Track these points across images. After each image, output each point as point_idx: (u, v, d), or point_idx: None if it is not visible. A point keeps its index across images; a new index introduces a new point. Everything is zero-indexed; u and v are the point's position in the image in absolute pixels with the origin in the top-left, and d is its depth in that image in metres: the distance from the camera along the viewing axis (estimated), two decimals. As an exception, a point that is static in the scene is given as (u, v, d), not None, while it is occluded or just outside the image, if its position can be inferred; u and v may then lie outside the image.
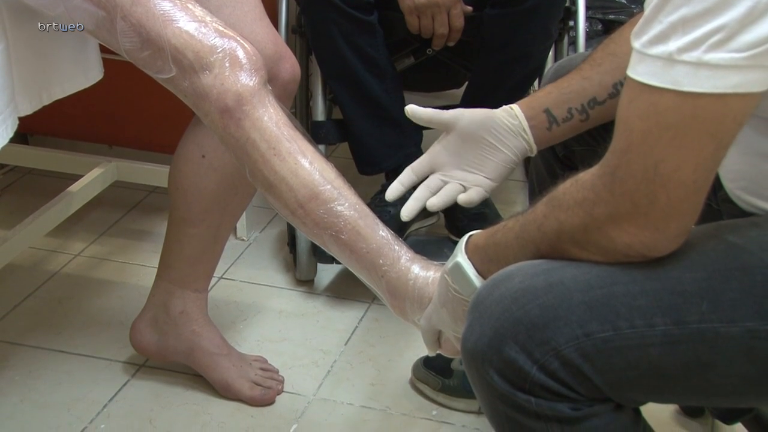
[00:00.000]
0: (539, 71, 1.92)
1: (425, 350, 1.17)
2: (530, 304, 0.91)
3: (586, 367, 0.89)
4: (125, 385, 1.68)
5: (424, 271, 1.14)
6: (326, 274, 2.00)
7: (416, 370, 1.69)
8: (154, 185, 2.20)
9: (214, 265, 1.65)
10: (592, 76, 1.20)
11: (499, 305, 0.92)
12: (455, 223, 1.97)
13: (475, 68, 1.93)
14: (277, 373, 1.69)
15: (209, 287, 1.67)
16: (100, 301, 1.91)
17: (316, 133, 1.91)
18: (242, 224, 2.11)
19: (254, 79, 1.20)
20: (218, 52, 1.19)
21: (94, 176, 2.00)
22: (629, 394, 0.93)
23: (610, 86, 1.19)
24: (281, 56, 1.48)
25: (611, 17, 2.60)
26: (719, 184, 1.04)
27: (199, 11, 1.22)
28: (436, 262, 1.16)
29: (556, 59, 1.95)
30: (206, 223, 1.57)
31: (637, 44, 0.84)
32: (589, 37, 2.19)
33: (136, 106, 2.14)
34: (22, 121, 1.34)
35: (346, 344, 1.81)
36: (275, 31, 1.50)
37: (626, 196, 0.85)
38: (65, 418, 1.60)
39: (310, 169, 1.17)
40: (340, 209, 1.16)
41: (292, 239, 1.96)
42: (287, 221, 1.23)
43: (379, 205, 1.90)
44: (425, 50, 1.92)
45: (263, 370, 1.67)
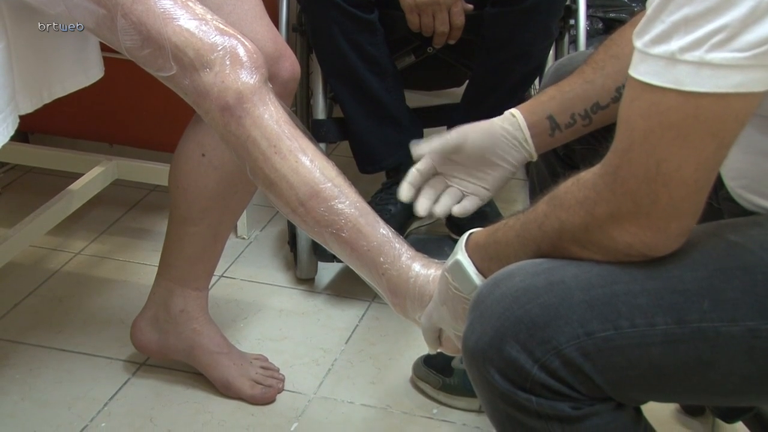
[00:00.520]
0: (540, 70, 1.92)
1: (426, 349, 1.17)
2: (531, 303, 0.91)
3: (586, 366, 0.89)
4: (126, 383, 1.68)
5: (424, 269, 1.14)
6: (327, 272, 2.00)
7: (417, 368, 1.69)
8: (154, 184, 2.20)
9: (214, 263, 1.65)
10: (594, 79, 1.19)
11: (500, 304, 0.92)
12: (456, 221, 1.96)
13: (475, 66, 1.93)
14: (277, 371, 1.69)
15: (210, 286, 1.67)
16: (100, 299, 1.91)
17: (316, 131, 1.91)
18: (243, 223, 2.11)
19: (255, 77, 1.20)
20: (219, 50, 1.19)
21: (94, 175, 2.00)
22: (630, 393, 0.93)
23: (613, 90, 1.18)
24: (281, 55, 1.48)
25: (612, 16, 2.60)
26: (720, 183, 1.04)
27: (199, 9, 1.22)
28: (436, 260, 1.16)
29: (556, 58, 1.95)
30: (206, 221, 1.57)
31: (639, 44, 0.83)
32: (589, 35, 2.19)
33: (136, 104, 2.14)
34: (22, 119, 1.34)
35: (346, 343, 1.81)
36: (275, 29, 1.50)
37: (628, 195, 0.85)
38: (66, 416, 1.60)
39: (310, 167, 1.17)
40: (340, 207, 1.16)
41: (292, 238, 1.96)
42: (288, 219, 1.23)
43: (379, 203, 1.90)
44: (426, 48, 1.92)
45: (264, 368, 1.67)
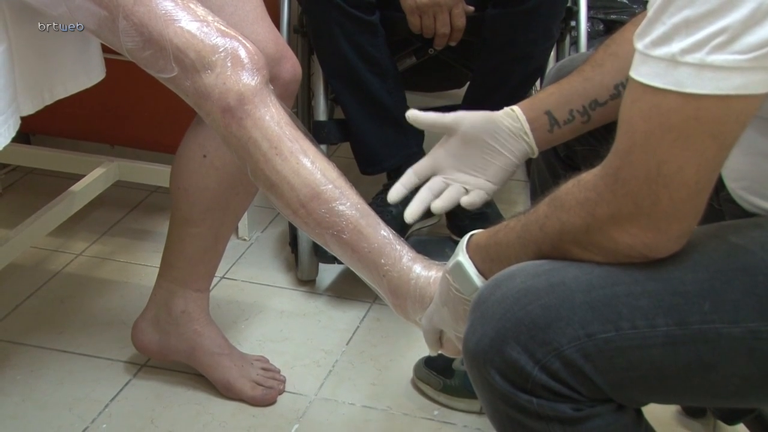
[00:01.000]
0: (541, 71, 1.92)
1: (427, 350, 1.17)
2: (532, 304, 0.91)
3: (587, 367, 0.89)
4: (127, 384, 1.68)
5: (425, 270, 1.14)
6: (328, 273, 1.99)
7: (418, 370, 1.69)
8: (155, 185, 2.20)
9: (215, 264, 1.65)
10: (593, 77, 1.20)
11: (500, 305, 0.92)
12: (457, 223, 1.97)
13: (476, 68, 1.93)
14: (278, 372, 1.69)
15: (211, 287, 1.67)
16: (101, 300, 1.91)
17: (317, 132, 1.91)
18: (244, 224, 2.11)
19: (256, 78, 1.20)
20: (220, 51, 1.19)
21: (96, 176, 2.00)
22: (631, 394, 0.93)
23: (611, 87, 1.19)
24: (282, 56, 1.48)
25: (613, 17, 2.60)
26: (721, 184, 1.04)
27: (200, 11, 1.22)
28: (437, 261, 1.16)
29: (557, 59, 1.95)
30: (208, 222, 1.57)
31: (640, 45, 0.83)
32: (590, 37, 2.18)
33: (137, 105, 2.14)
34: (24, 120, 1.34)
35: (347, 344, 1.81)
36: (276, 31, 1.50)
37: (628, 196, 0.85)
38: (67, 417, 1.60)
39: (311, 168, 1.17)
40: (341, 209, 1.16)
41: (293, 239, 1.96)
42: (289, 221, 1.23)
43: (380, 205, 1.89)
44: (427, 50, 1.92)
45: (265, 369, 1.67)
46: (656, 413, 1.17)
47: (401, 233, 1.26)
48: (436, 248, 1.87)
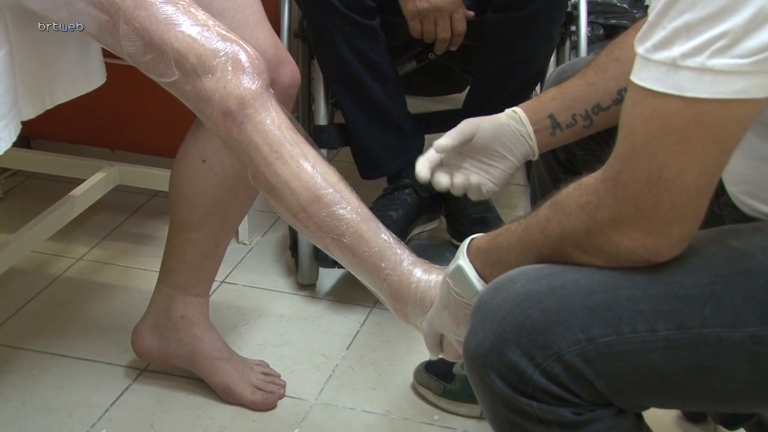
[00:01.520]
0: (541, 76, 1.93)
1: (427, 354, 1.17)
2: (532, 308, 0.91)
3: (588, 371, 0.89)
4: (127, 389, 1.68)
5: (426, 274, 1.14)
6: (328, 278, 1.99)
7: (418, 374, 1.69)
8: (155, 189, 2.20)
9: (215, 269, 1.65)
10: (596, 81, 1.20)
11: (501, 309, 0.92)
12: (457, 227, 1.97)
13: (477, 72, 1.93)
14: (278, 377, 1.69)
15: (211, 291, 1.67)
16: (101, 305, 1.91)
17: (318, 137, 1.92)
18: (244, 228, 2.11)
19: (257, 82, 1.20)
20: (221, 55, 1.20)
21: (96, 180, 2.00)
22: (631, 398, 0.93)
23: (614, 92, 1.19)
24: (281, 61, 1.48)
25: (613, 22, 2.60)
26: (722, 188, 1.04)
27: (201, 15, 1.23)
28: (438, 265, 1.16)
29: (558, 64, 1.95)
30: (207, 227, 1.57)
31: (640, 49, 0.84)
32: (591, 41, 2.19)
33: (138, 110, 2.14)
34: (24, 125, 1.34)
35: (347, 348, 1.81)
36: (276, 35, 1.50)
37: (629, 200, 0.85)
38: (67, 422, 1.60)
39: (312, 172, 1.17)
40: (342, 213, 1.16)
41: (293, 243, 1.96)
42: (289, 225, 1.23)
43: (381, 209, 1.90)
44: (427, 54, 1.92)
45: (265, 374, 1.67)
46: (656, 418, 1.17)
47: (401, 237, 1.26)
48: (436, 252, 1.87)
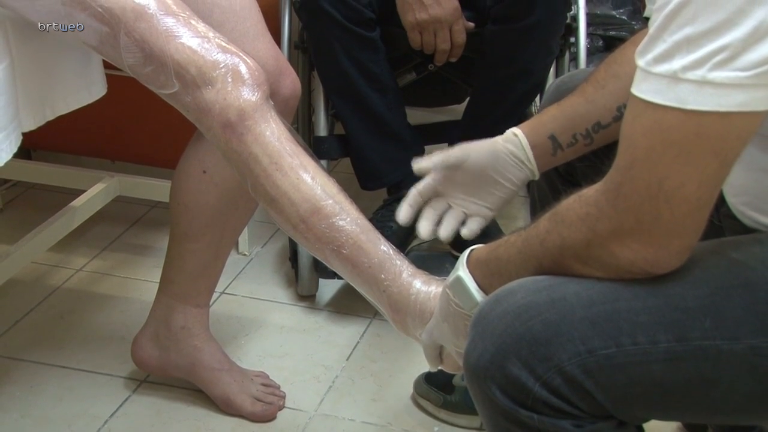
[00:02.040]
0: (540, 87, 1.93)
1: (427, 366, 1.17)
2: (533, 320, 0.91)
3: (588, 383, 0.89)
4: (126, 400, 1.68)
5: (425, 285, 1.14)
6: (328, 289, 1.99)
7: (418, 385, 1.68)
8: (156, 200, 2.20)
9: (215, 280, 1.65)
10: (596, 99, 1.19)
11: (501, 321, 0.92)
12: (457, 238, 1.96)
13: (476, 84, 1.93)
14: (278, 388, 1.69)
15: (211, 302, 1.67)
16: (101, 316, 1.91)
17: (318, 148, 1.92)
18: (244, 239, 2.11)
19: (257, 94, 1.20)
20: (221, 67, 1.20)
21: (96, 191, 2.00)
22: (632, 410, 0.92)
23: (614, 109, 1.18)
24: (282, 72, 1.48)
25: (612, 34, 2.61)
26: (722, 200, 1.04)
27: (202, 27, 1.23)
28: (437, 277, 1.16)
29: (557, 75, 1.96)
30: (207, 238, 1.57)
31: (641, 62, 0.84)
32: (590, 53, 2.19)
33: (138, 121, 2.14)
34: (25, 136, 1.34)
35: (347, 360, 1.80)
36: (276, 47, 1.50)
37: (630, 212, 0.85)
38: (66, 433, 1.60)
39: (311, 183, 1.17)
40: (341, 224, 1.16)
41: (293, 254, 1.96)
42: (289, 236, 1.23)
43: (380, 220, 1.90)
44: (427, 66, 1.92)
45: (264, 385, 1.67)
46: (657, 430, 1.16)
47: (401, 248, 1.26)
48: (436, 263, 1.87)
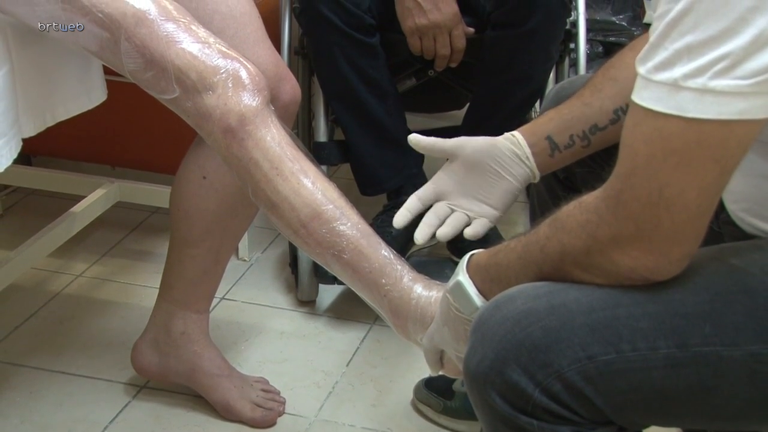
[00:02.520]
0: (540, 93, 1.93)
1: (427, 371, 1.17)
2: (533, 326, 0.91)
3: (588, 389, 0.89)
4: (126, 406, 1.67)
5: (426, 290, 1.14)
6: (328, 294, 1.99)
7: (418, 391, 1.68)
8: (156, 206, 2.20)
9: (215, 285, 1.65)
10: (592, 102, 1.20)
11: (501, 327, 0.92)
12: (457, 243, 1.96)
13: (476, 89, 1.94)
14: (278, 394, 1.68)
15: (211, 308, 1.67)
16: (101, 322, 1.91)
17: (318, 154, 1.92)
18: (244, 245, 2.11)
19: (257, 99, 1.20)
20: (221, 72, 1.20)
21: (96, 197, 2.00)
22: (631, 417, 0.92)
23: (611, 112, 1.19)
24: (282, 78, 1.49)
25: (612, 39, 2.61)
26: (722, 206, 1.04)
27: (202, 32, 1.23)
28: (438, 281, 1.16)
29: (557, 81, 1.96)
30: (207, 243, 1.57)
31: (642, 70, 0.84)
32: (589, 59, 2.20)
33: (138, 127, 2.14)
34: (25, 142, 1.34)
35: (347, 365, 1.80)
36: (276, 53, 1.50)
37: (630, 219, 0.86)
38: (66, 439, 1.60)
39: (312, 188, 1.17)
40: (342, 229, 1.16)
41: (293, 260, 1.96)
42: (289, 241, 1.23)
43: (381, 225, 1.90)
44: (427, 71, 1.93)
45: (264, 391, 1.67)
46: (657, 436, 1.16)
47: (401, 253, 1.27)
48: (436, 269, 1.87)
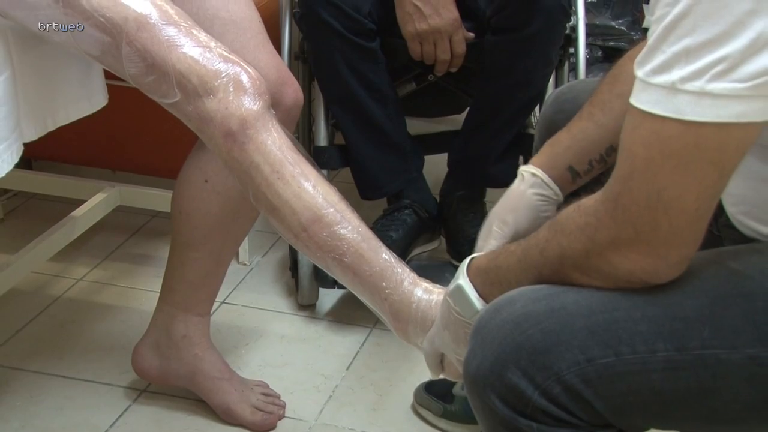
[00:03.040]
0: (540, 97, 1.93)
1: (427, 375, 1.17)
2: (532, 329, 0.91)
3: (587, 392, 0.90)
4: (127, 410, 1.68)
5: (427, 294, 1.14)
6: (328, 298, 2.00)
7: (418, 395, 1.69)
8: (156, 210, 2.20)
9: (216, 289, 1.65)
10: (605, 122, 1.16)
11: (501, 330, 0.93)
12: (457, 247, 1.97)
13: (476, 94, 1.94)
14: (278, 398, 1.69)
15: (211, 311, 1.67)
16: (102, 325, 1.91)
17: (318, 158, 1.92)
18: (244, 249, 2.11)
19: (258, 103, 1.20)
20: (222, 76, 1.20)
21: (97, 201, 2.01)
22: (631, 419, 0.93)
23: None
24: (284, 82, 1.49)
25: (611, 44, 2.62)
26: (720, 209, 1.04)
27: (203, 37, 1.23)
28: (438, 285, 1.16)
29: (556, 85, 1.96)
30: (208, 247, 1.57)
31: (640, 73, 0.84)
32: (589, 63, 2.20)
33: (139, 131, 2.14)
34: (26, 146, 1.34)
35: (347, 369, 1.80)
36: (278, 57, 1.51)
37: (628, 222, 0.86)
38: (67, 442, 1.60)
39: (313, 192, 1.17)
40: (343, 232, 1.16)
41: (294, 264, 1.97)
42: (290, 245, 1.23)
43: (381, 229, 1.90)
44: (427, 76, 1.93)
45: (265, 395, 1.67)
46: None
47: (402, 257, 1.27)
48: (436, 272, 1.86)
